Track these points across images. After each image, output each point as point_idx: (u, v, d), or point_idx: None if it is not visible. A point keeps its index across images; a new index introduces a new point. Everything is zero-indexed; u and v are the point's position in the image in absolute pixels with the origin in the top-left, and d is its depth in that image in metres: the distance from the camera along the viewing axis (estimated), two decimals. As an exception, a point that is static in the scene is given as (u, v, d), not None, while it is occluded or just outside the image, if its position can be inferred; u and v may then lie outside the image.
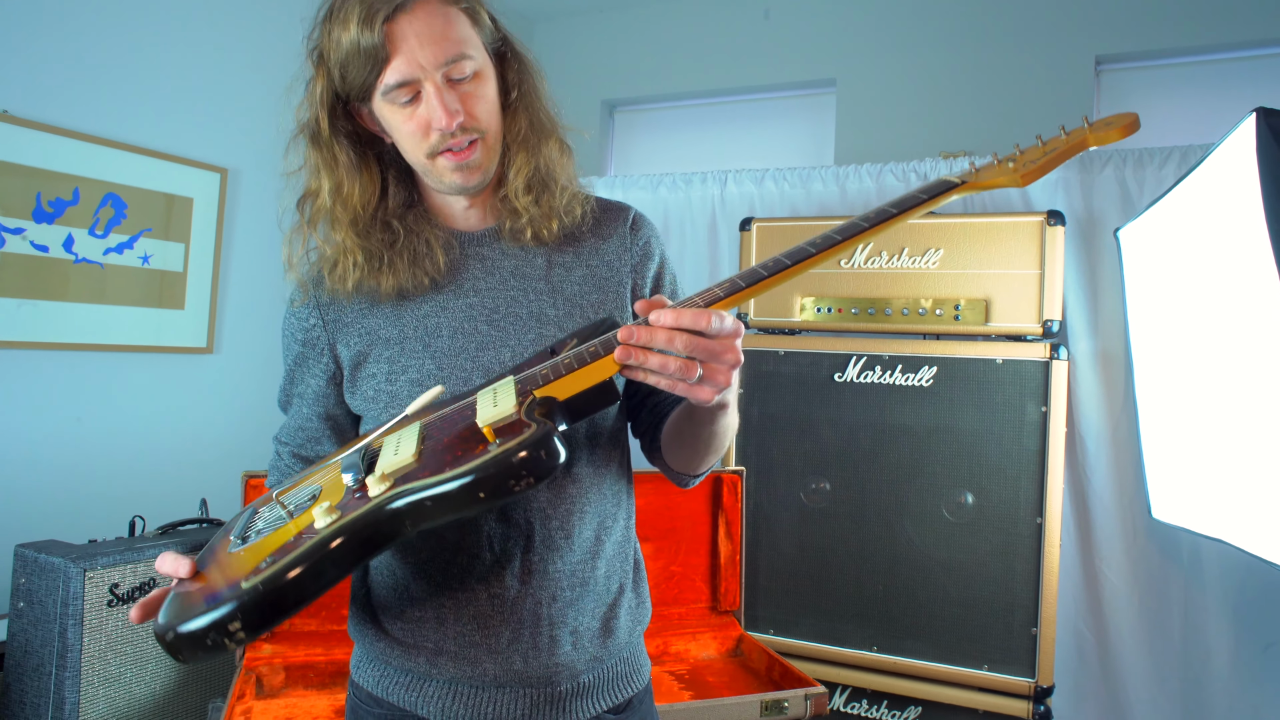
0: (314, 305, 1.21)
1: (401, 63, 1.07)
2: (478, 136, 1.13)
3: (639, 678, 1.26)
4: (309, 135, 1.18)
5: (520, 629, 1.12)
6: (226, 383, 3.02)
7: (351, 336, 1.20)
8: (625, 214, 1.29)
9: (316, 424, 1.26)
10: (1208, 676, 2.46)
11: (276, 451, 1.31)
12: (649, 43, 3.95)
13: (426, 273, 1.17)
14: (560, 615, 1.14)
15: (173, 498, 2.55)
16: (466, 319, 1.17)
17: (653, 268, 1.28)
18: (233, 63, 2.98)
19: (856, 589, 2.54)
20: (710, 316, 0.89)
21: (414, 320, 1.18)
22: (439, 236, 1.21)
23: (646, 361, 0.91)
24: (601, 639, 1.18)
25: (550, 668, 1.13)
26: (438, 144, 1.11)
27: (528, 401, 0.93)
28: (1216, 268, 1.93)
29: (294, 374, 1.26)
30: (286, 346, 1.26)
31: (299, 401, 1.27)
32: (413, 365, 1.16)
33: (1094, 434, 2.58)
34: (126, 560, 2.09)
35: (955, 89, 3.34)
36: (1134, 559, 2.55)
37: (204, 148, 2.94)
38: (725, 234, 3.12)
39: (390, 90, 1.09)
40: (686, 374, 0.90)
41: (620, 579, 1.23)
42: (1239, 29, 2.87)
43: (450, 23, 1.09)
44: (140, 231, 2.81)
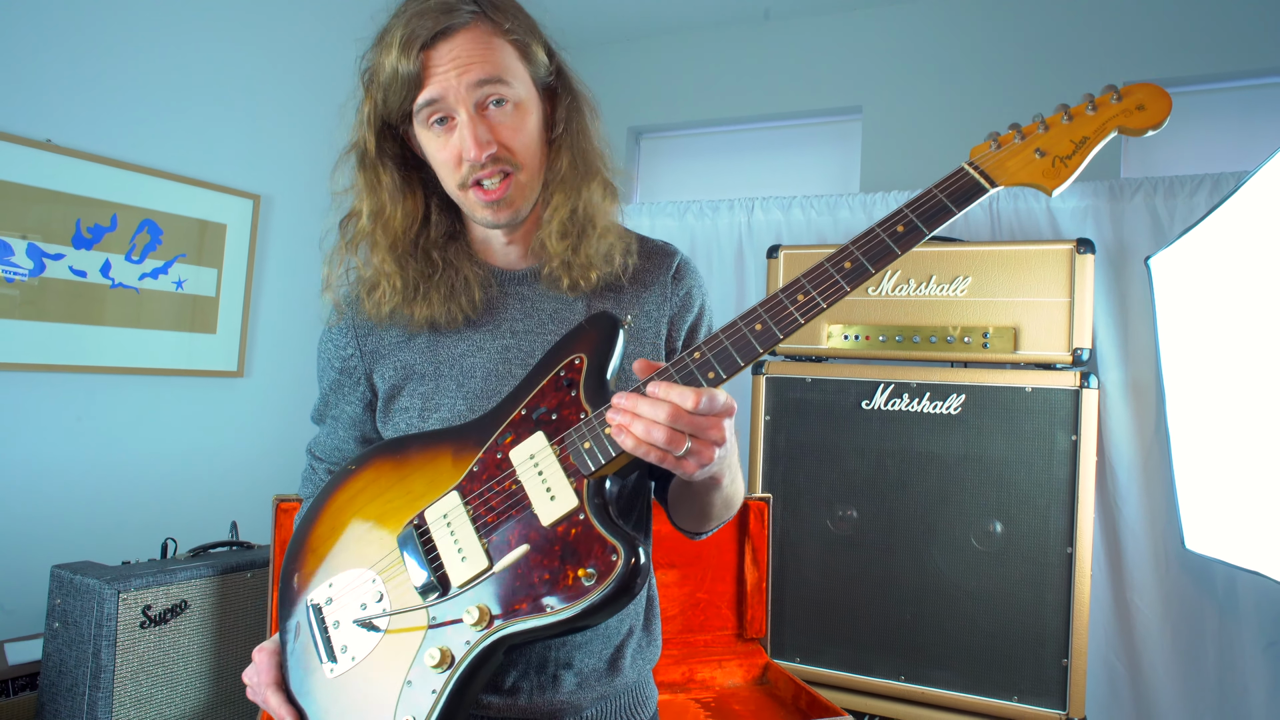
0: (351, 334, 1.22)
1: (434, 88, 1.07)
2: (511, 170, 1.11)
3: (645, 709, 1.25)
4: (356, 156, 1.18)
5: (527, 669, 1.12)
6: (256, 406, 3.05)
7: (387, 368, 1.20)
8: (670, 261, 1.26)
9: (353, 446, 1.28)
10: (1245, 712, 2.42)
11: (311, 465, 1.33)
12: (675, 70, 3.99)
13: (462, 308, 1.17)
14: (567, 657, 1.14)
15: (204, 520, 2.58)
16: (501, 361, 1.16)
17: (690, 318, 1.25)
18: (267, 91, 3.04)
19: (883, 618, 2.51)
20: (700, 396, 0.88)
21: (450, 358, 1.17)
22: (478, 274, 1.20)
23: (631, 430, 0.90)
24: (608, 678, 1.18)
25: (555, 705, 1.13)
26: (467, 175, 1.10)
27: (586, 490, 0.95)
28: (1253, 295, 1.91)
29: (329, 397, 1.28)
30: (323, 369, 1.27)
31: (334, 423, 1.28)
32: (445, 404, 1.16)
33: (1125, 463, 2.56)
34: (159, 582, 2.11)
35: (980, 116, 3.34)
36: (1166, 590, 2.52)
37: (237, 175, 2.99)
38: (752, 261, 3.13)
39: (420, 109, 1.09)
40: (671, 447, 0.89)
41: (631, 621, 1.22)
42: (1268, 56, 2.86)
43: (491, 50, 1.08)
44: (175, 257, 2.85)
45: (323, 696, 1.02)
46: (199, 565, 2.20)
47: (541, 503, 0.96)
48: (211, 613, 2.20)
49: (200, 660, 2.18)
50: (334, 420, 1.28)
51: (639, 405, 0.90)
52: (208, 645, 2.19)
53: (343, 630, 1.04)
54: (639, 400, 0.91)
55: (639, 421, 0.90)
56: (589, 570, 0.91)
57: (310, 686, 1.04)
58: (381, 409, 1.22)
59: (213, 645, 2.20)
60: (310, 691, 1.03)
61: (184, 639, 2.15)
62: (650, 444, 0.89)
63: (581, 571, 0.91)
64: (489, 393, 1.14)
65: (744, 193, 3.25)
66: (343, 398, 1.25)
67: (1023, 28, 3.29)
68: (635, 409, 0.90)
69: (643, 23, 3.92)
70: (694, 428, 0.89)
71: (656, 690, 1.31)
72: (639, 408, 0.90)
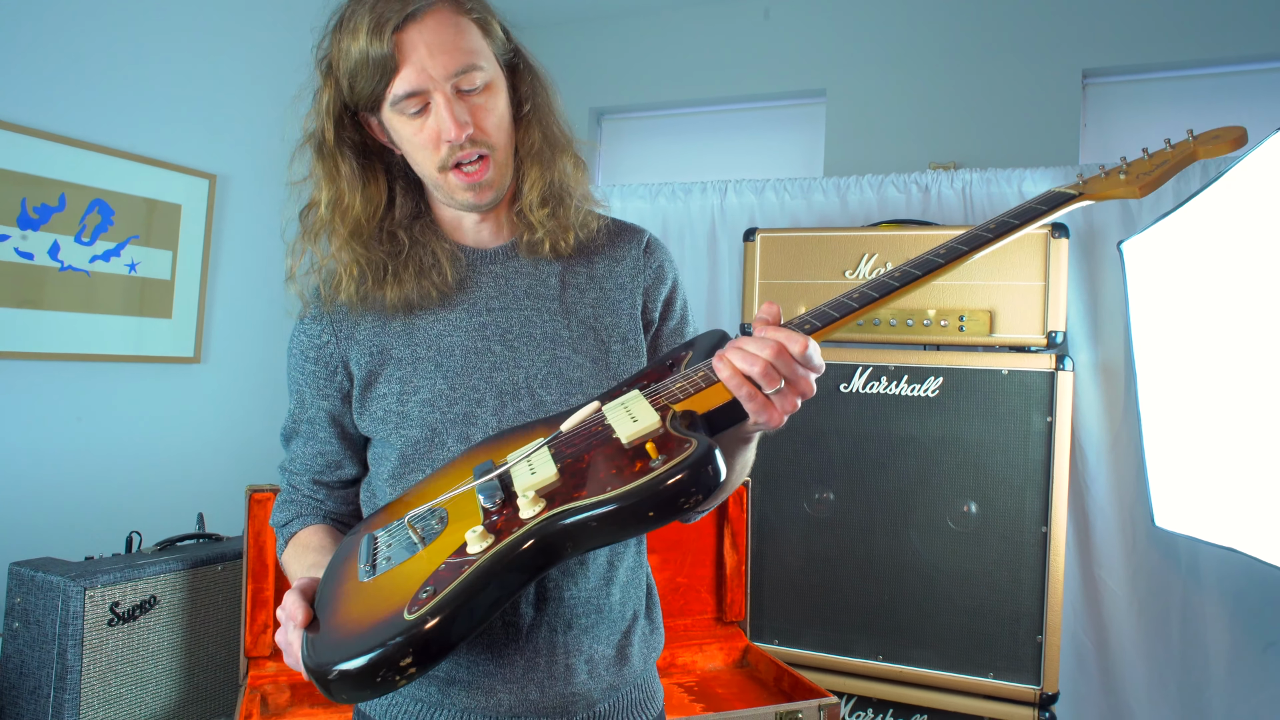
0: (327, 322, 1.19)
1: (410, 72, 1.06)
2: (487, 152, 1.12)
3: (653, 705, 1.25)
4: (314, 146, 1.17)
5: (535, 657, 1.10)
6: (215, 393, 2.95)
7: (363, 354, 1.17)
8: (640, 237, 1.29)
9: (336, 446, 1.23)
10: (1206, 681, 2.51)
11: (290, 484, 1.27)
12: (636, 51, 3.94)
13: (434, 285, 1.16)
14: (575, 643, 1.13)
15: (168, 512, 2.48)
16: (480, 338, 1.16)
17: (664, 291, 1.28)
18: (223, 68, 2.93)
19: (862, 599, 2.54)
20: (807, 342, 0.90)
21: (426, 339, 1.16)
22: (447, 250, 1.19)
23: (729, 358, 0.91)
24: (617, 667, 1.17)
25: (566, 697, 1.11)
26: (448, 157, 1.10)
27: (670, 415, 0.92)
28: (1229, 281, 1.96)
29: (304, 397, 1.22)
30: (296, 367, 1.22)
31: (311, 427, 1.23)
32: (424, 385, 1.14)
33: (1094, 444, 2.62)
34: (127, 578, 2.03)
35: (944, 101, 3.38)
36: (1134, 567, 2.59)
37: (193, 154, 2.87)
38: (725, 244, 3.12)
39: (399, 100, 1.08)
40: (765, 382, 0.91)
41: (634, 606, 1.22)
42: (1222, 46, 2.93)
43: (461, 33, 1.08)
44: (127, 239, 2.74)
45: (346, 597, 0.94)
46: (168, 559, 2.12)
47: (623, 425, 0.92)
48: (182, 608, 2.13)
49: (171, 657, 2.10)
50: (310, 424, 1.23)
51: (744, 341, 0.92)
52: (178, 641, 2.12)
53: (392, 548, 0.98)
54: (745, 339, 0.92)
55: (739, 352, 0.91)
56: (659, 454, 0.85)
57: (337, 593, 0.96)
58: (358, 397, 1.18)
59: (184, 641, 2.13)
60: (334, 597, 0.96)
61: (153, 636, 2.07)
62: (746, 375, 0.90)
63: (651, 449, 0.86)
64: (469, 370, 1.14)
65: (707, 175, 3.24)
66: (319, 392, 1.21)
67: (985, 13, 3.32)
68: (740, 344, 0.92)
69: (602, 2, 3.87)
70: (791, 372, 0.91)
71: (663, 689, 1.31)
72: (744, 343, 0.92)
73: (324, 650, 0.87)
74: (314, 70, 1.15)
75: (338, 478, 1.25)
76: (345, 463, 1.24)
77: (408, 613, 0.83)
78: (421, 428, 1.13)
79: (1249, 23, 2.88)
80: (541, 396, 1.15)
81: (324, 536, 1.20)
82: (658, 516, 0.82)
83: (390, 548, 0.98)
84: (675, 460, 0.82)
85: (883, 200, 2.91)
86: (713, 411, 0.95)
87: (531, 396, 1.15)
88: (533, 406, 1.14)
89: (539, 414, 1.14)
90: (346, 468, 1.24)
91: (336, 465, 1.24)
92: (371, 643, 0.82)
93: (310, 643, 0.90)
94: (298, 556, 1.18)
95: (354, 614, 0.90)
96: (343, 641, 0.86)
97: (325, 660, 0.85)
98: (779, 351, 0.89)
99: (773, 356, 0.89)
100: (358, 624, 0.87)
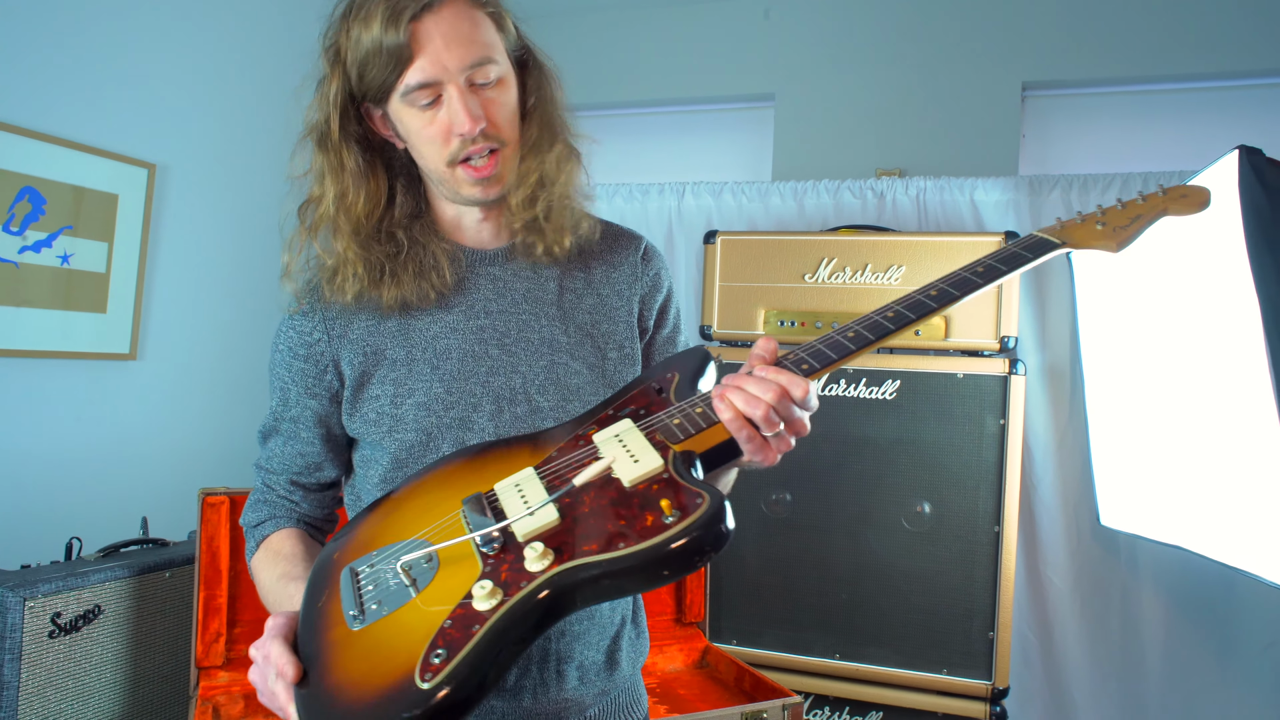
0: (319, 319, 1.16)
1: (425, 63, 1.04)
2: (497, 147, 1.10)
3: (639, 708, 1.27)
4: (316, 138, 1.14)
5: (528, 665, 1.10)
6: (153, 392, 2.82)
7: (356, 353, 1.15)
8: (638, 243, 1.29)
9: (318, 448, 1.20)
10: (1144, 672, 2.62)
11: (265, 483, 1.23)
12: (587, 51, 3.92)
13: (433, 286, 1.14)
14: (567, 649, 1.13)
15: (109, 516, 2.36)
16: (477, 342, 1.15)
17: (660, 299, 1.29)
18: (165, 51, 2.80)
19: (819, 598, 2.57)
20: (808, 386, 0.91)
21: (422, 341, 1.14)
22: (446, 250, 1.17)
23: (732, 399, 0.91)
24: (607, 672, 1.18)
25: (559, 704, 1.12)
26: (458, 151, 1.08)
27: (671, 456, 0.91)
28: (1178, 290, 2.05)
29: (289, 394, 1.18)
30: (282, 364, 1.18)
31: (294, 426, 1.19)
32: (420, 388, 1.12)
33: (1041, 445, 2.71)
34: (69, 587, 1.92)
35: (889, 109, 3.44)
36: (1077, 563, 2.69)
37: (131, 141, 2.74)
38: (683, 245, 3.13)
39: (411, 91, 1.06)
40: (765, 426, 0.90)
41: (623, 611, 1.23)
42: (1158, 64, 3.06)
43: (477, 26, 1.08)
44: (60, 229, 2.60)
45: (338, 648, 0.87)
46: (112, 566, 2.02)
47: (624, 465, 0.90)
48: (127, 617, 2.03)
49: (115, 669, 2.01)
50: (293, 423, 1.19)
51: (746, 382, 0.91)
52: (123, 652, 2.02)
53: (379, 588, 0.91)
54: (747, 379, 0.91)
55: (741, 394, 0.90)
56: (673, 509, 0.82)
57: (326, 642, 0.89)
58: (349, 399, 1.15)
59: (129, 652, 2.03)
60: (324, 647, 0.88)
61: (97, 647, 1.97)
62: (747, 418, 0.90)
63: (665, 505, 0.83)
64: (466, 374, 1.13)
65: (662, 176, 3.24)
66: (306, 390, 1.17)
67: (929, 23, 3.40)
68: (742, 385, 0.91)
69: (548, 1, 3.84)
70: (789, 415, 0.91)
71: (647, 694, 1.32)
72: (745, 384, 0.91)
73: (323, 713, 0.82)
74: (320, 59, 1.12)
75: (316, 480, 1.22)
76: (326, 465, 1.21)
77: (421, 680, 0.77)
78: (416, 431, 1.11)
79: (1185, 43, 3.01)
80: (539, 402, 1.14)
81: (296, 543, 1.17)
82: (671, 575, 0.81)
83: (377, 589, 0.91)
84: (690, 519, 0.81)
85: (839, 205, 2.95)
86: (710, 450, 0.94)
87: (529, 402, 1.14)
88: (529, 412, 1.13)
89: (536, 420, 1.13)
90: (326, 470, 1.21)
91: (316, 467, 1.21)
92: (385, 715, 0.77)
93: (304, 702, 0.84)
94: (268, 563, 1.15)
95: (354, 674, 0.84)
96: (348, 709, 0.81)
97: None
98: (781, 396, 0.89)
99: (775, 401, 0.89)
100: (362, 689, 0.81)
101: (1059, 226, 1.08)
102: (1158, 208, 1.08)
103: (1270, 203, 1.53)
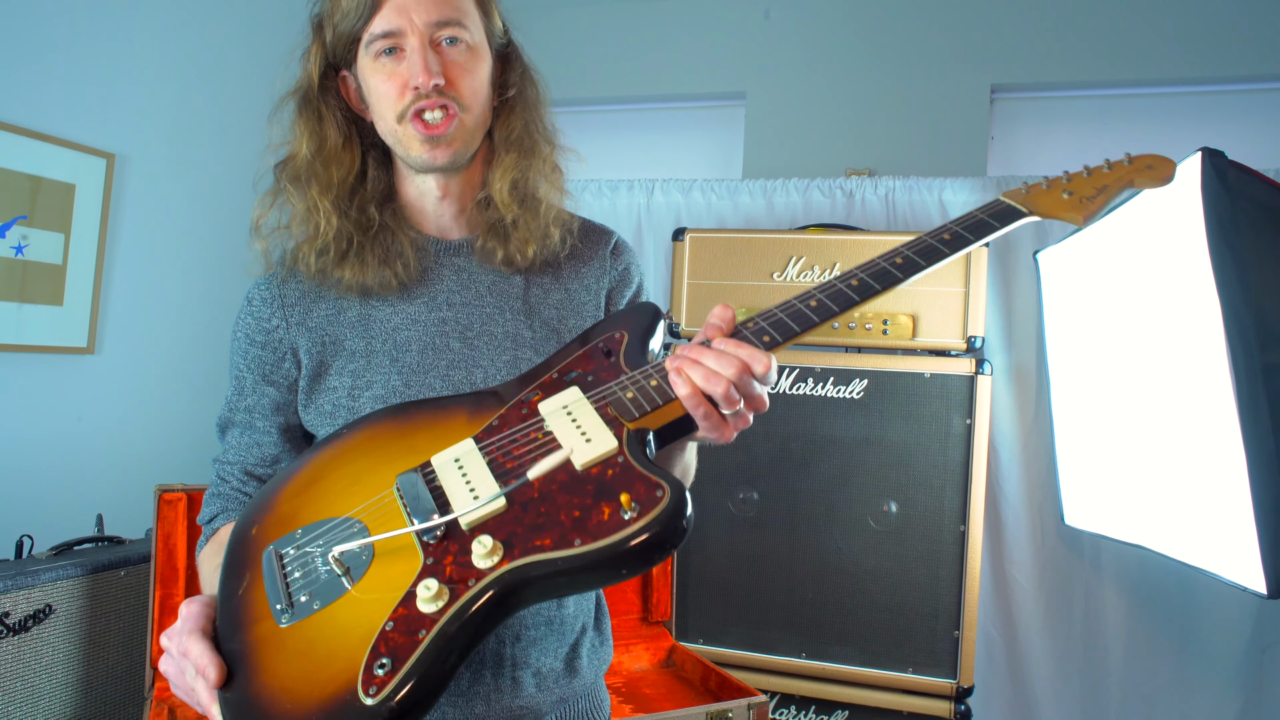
0: (278, 305, 1.15)
1: (390, 12, 1.06)
2: (454, 108, 1.08)
3: (599, 714, 1.24)
4: (299, 98, 1.15)
5: (481, 669, 1.07)
6: (111, 386, 2.76)
7: (314, 342, 1.13)
8: (608, 238, 1.27)
9: (275, 438, 1.16)
10: (1105, 670, 2.64)
11: (220, 475, 1.19)
12: (556, 46, 3.89)
13: (396, 274, 1.13)
14: (523, 655, 1.10)
15: (63, 514, 2.30)
16: (438, 334, 1.12)
17: (629, 293, 1.26)
18: (126, 40, 2.74)
19: (786, 597, 2.57)
20: (770, 361, 0.87)
21: (382, 332, 1.12)
22: (411, 239, 1.16)
23: (690, 374, 0.88)
24: (566, 679, 1.15)
25: (514, 710, 1.09)
26: (410, 104, 1.07)
27: (625, 436, 0.86)
28: (1143, 292, 2.06)
29: (244, 382, 1.16)
30: (239, 351, 1.17)
31: (249, 416, 1.16)
32: (378, 380, 1.10)
33: (1007, 444, 2.72)
34: (19, 585, 1.88)
35: (859, 109, 3.45)
36: (1041, 563, 2.71)
37: (89, 130, 2.68)
38: (651, 242, 3.12)
39: (375, 40, 1.07)
40: (725, 403, 0.88)
41: (584, 618, 1.20)
42: (1125, 68, 3.09)
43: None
44: (14, 219, 2.54)
45: (266, 648, 0.81)
46: (64, 564, 1.98)
47: (575, 445, 0.85)
48: (80, 617, 1.98)
49: (67, 670, 1.96)
50: (248, 413, 1.16)
51: (704, 355, 0.88)
52: (75, 653, 1.97)
53: (307, 578, 0.85)
54: (705, 351, 0.88)
55: (700, 369, 0.87)
56: (631, 503, 0.78)
57: (252, 639, 0.83)
58: (305, 389, 1.13)
59: (81, 652, 1.98)
60: (250, 645, 0.82)
61: (48, 647, 1.93)
62: (706, 393, 0.87)
63: (624, 499, 0.78)
64: (426, 367, 1.11)
65: (631, 173, 3.22)
66: (263, 377, 1.15)
67: (899, 24, 3.41)
68: (700, 358, 0.88)
69: (529, -6, 3.80)
70: (750, 392, 0.88)
71: (609, 698, 1.29)
72: (704, 358, 0.88)
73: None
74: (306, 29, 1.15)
75: (271, 473, 1.18)
76: (282, 457, 1.17)
77: (364, 693, 0.72)
78: None
79: (1152, 48, 3.04)
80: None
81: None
82: (630, 573, 0.78)
83: (306, 578, 0.85)
84: (651, 515, 0.77)
85: (808, 204, 2.95)
86: (665, 427, 0.90)
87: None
88: None
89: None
90: (283, 462, 1.18)
91: (273, 459, 1.17)
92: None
93: (231, 708, 0.79)
94: (212, 555, 1.11)
95: (286, 680, 0.78)
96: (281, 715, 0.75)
97: None
98: (742, 371, 0.86)
99: (736, 377, 0.86)
100: (297, 699, 0.76)
101: (1025, 192, 1.06)
102: (1124, 178, 1.05)
103: (1232, 205, 1.55)
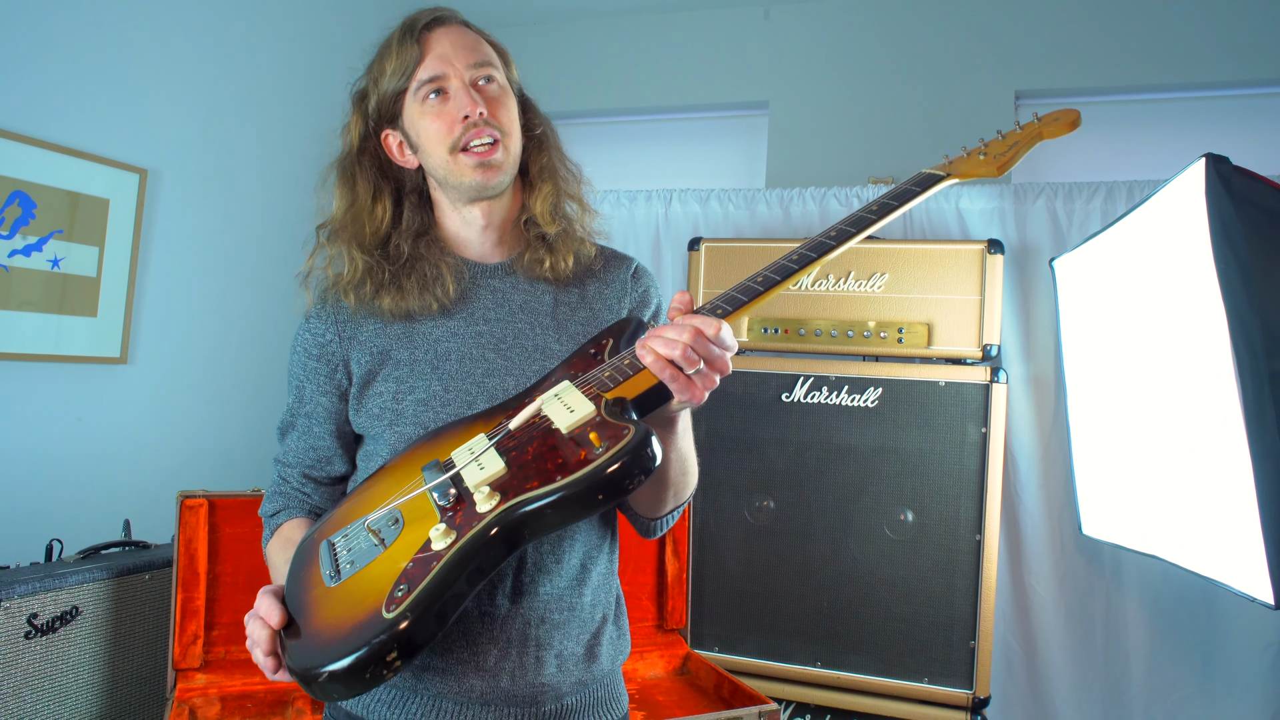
0: (331, 321, 1.28)
1: (433, 60, 1.22)
2: (499, 136, 1.22)
3: (618, 706, 1.31)
4: (340, 166, 1.31)
5: (508, 648, 1.16)
6: (142, 395, 2.84)
7: (364, 354, 1.25)
8: (629, 264, 1.40)
9: (329, 442, 1.31)
10: (1127, 682, 2.60)
11: (281, 476, 1.34)
12: (578, 58, 3.93)
13: (436, 298, 1.25)
14: (547, 637, 1.19)
15: (91, 519, 2.38)
16: (475, 345, 1.25)
17: (648, 314, 1.37)
18: (158, 57, 2.82)
19: (801, 606, 2.57)
20: (720, 325, 0.99)
21: (425, 344, 1.25)
22: (451, 265, 1.28)
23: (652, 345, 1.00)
24: (586, 664, 1.24)
25: (535, 687, 1.18)
26: (461, 136, 1.20)
27: (603, 403, 1.00)
28: (1154, 299, 2.04)
29: (303, 391, 1.30)
30: (298, 364, 1.31)
31: (308, 421, 1.30)
32: (420, 385, 1.22)
33: (1025, 454, 2.70)
34: (47, 588, 1.94)
35: (883, 117, 3.44)
36: (1061, 573, 2.67)
37: (123, 146, 2.76)
38: (670, 252, 3.14)
39: (421, 87, 1.22)
40: (686, 364, 0.99)
41: (604, 610, 1.29)
42: (1150, 73, 3.05)
43: (480, 43, 1.27)
44: (50, 233, 2.62)
45: (318, 603, 1.00)
46: (91, 568, 2.04)
47: (561, 416, 1.01)
48: (106, 619, 2.04)
49: (93, 670, 2.02)
50: (307, 419, 1.31)
51: (663, 329, 1.01)
52: (101, 654, 2.04)
53: (352, 551, 1.03)
54: (664, 326, 1.01)
55: (660, 339, 0.99)
56: (601, 441, 0.93)
57: (308, 600, 1.02)
58: (356, 395, 1.26)
59: (107, 654, 2.05)
60: (306, 604, 1.01)
61: (75, 649, 1.99)
62: (668, 358, 0.98)
63: (594, 438, 0.94)
64: (463, 374, 1.23)
65: (650, 183, 3.25)
66: (318, 388, 1.29)
67: (923, 31, 3.40)
68: (661, 333, 1.00)
69: (542, 7, 3.85)
70: (708, 353, 0.99)
71: (627, 694, 1.37)
72: (664, 331, 1.00)
73: (308, 655, 0.93)
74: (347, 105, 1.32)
75: (327, 474, 1.32)
76: (335, 459, 1.31)
77: (386, 611, 0.89)
78: (415, 425, 1.21)
79: (1176, 53, 3.01)
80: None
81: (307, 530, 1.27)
82: (606, 499, 0.91)
83: (351, 552, 1.03)
84: (617, 447, 0.91)
85: (825, 213, 2.96)
86: (641, 395, 1.02)
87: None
88: None
89: None
90: (336, 464, 1.31)
91: (327, 461, 1.31)
92: (356, 643, 0.88)
93: (290, 650, 0.96)
94: (281, 549, 1.24)
95: (331, 618, 0.95)
96: (326, 645, 0.91)
97: (311, 664, 0.91)
98: (696, 335, 0.97)
99: (691, 340, 0.97)
100: (337, 627, 0.92)
101: (946, 162, 1.17)
102: (1033, 134, 1.17)
103: (1236, 210, 1.53)
